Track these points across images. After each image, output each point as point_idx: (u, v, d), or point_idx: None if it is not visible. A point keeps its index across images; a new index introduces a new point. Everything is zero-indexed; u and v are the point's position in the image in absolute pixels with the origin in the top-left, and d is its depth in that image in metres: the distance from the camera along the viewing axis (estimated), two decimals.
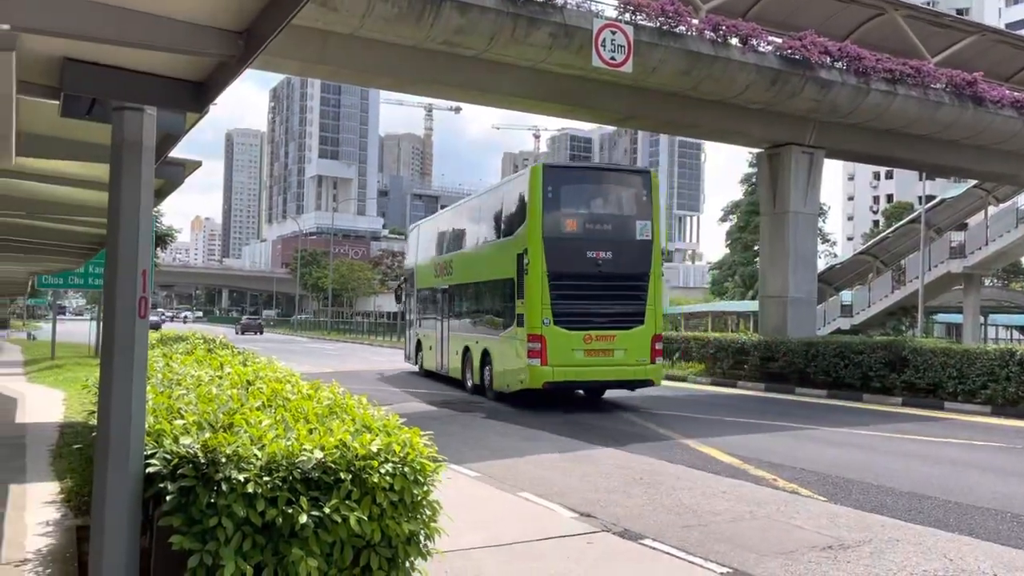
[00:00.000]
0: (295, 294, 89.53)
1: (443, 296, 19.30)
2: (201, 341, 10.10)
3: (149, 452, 3.66)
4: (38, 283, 23.44)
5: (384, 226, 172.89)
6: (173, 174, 5.42)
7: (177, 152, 5.12)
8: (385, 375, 21.88)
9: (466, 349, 17.21)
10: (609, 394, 16.71)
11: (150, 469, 3.59)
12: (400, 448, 3.74)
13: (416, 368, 22.37)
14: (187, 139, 4.86)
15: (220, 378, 5.59)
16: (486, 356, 15.97)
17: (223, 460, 3.48)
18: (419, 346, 21.80)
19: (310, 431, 3.88)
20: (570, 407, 14.83)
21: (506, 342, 14.96)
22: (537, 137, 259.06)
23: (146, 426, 3.80)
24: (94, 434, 4.36)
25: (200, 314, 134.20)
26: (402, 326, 22.10)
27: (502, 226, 15.75)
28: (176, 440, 3.67)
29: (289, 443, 3.63)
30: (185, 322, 76.27)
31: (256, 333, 62.78)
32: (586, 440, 10.82)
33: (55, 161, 5.58)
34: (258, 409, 4.33)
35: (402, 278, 24.63)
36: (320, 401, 4.74)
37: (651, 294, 14.38)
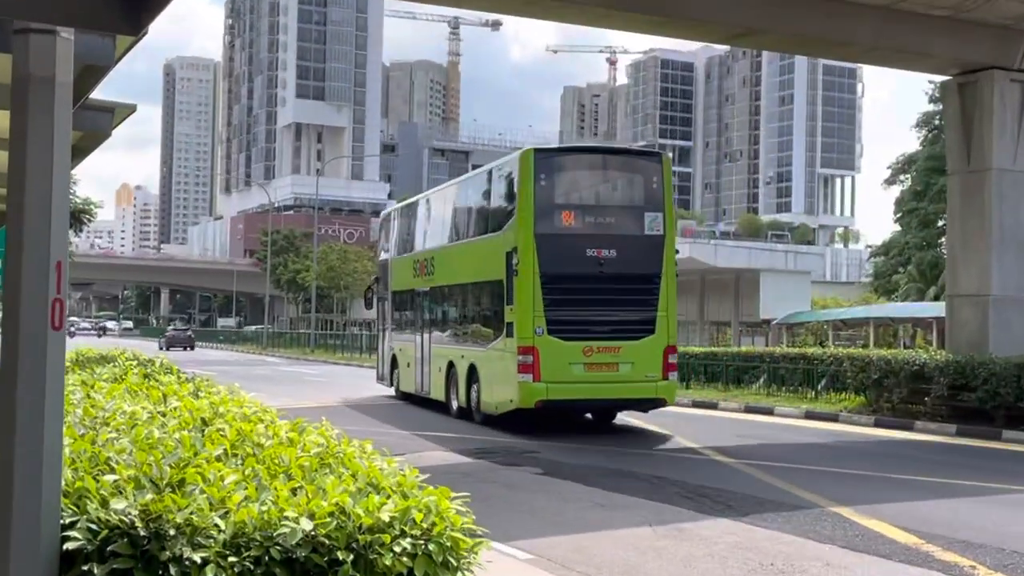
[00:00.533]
0: (264, 294, 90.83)
1: (423, 300, 21.97)
2: (134, 363, 10.32)
3: (68, 521, 3.75)
4: None
5: (391, 195, 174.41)
6: (97, 123, 5.55)
7: (100, 92, 5.23)
8: (363, 403, 22.08)
9: (450, 365, 19.80)
10: (713, 441, 16.87)
11: (69, 545, 3.67)
12: (422, 516, 3.78)
13: (392, 391, 25.19)
14: (110, 74, 4.96)
15: (163, 415, 5.71)
16: (473, 372, 18.45)
17: (171, 532, 3.54)
18: (395, 362, 24.72)
19: (293, 491, 3.94)
20: (659, 464, 14.84)
21: (494, 356, 17.54)
22: (612, 63, 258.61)
23: (63, 484, 3.89)
24: None
25: (129, 324, 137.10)
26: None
27: (489, 219, 18.11)
28: (105, 504, 3.75)
29: (264, 508, 3.68)
30: (102, 335, 76.39)
31: (185, 348, 67.31)
32: (687, 507, 10.78)
33: None
34: (219, 459, 4.41)
35: (374, 276, 27.27)
36: (306, 448, 4.80)
37: (663, 298, 16.70)
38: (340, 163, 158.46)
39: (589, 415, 19.17)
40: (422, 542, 3.72)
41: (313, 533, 3.59)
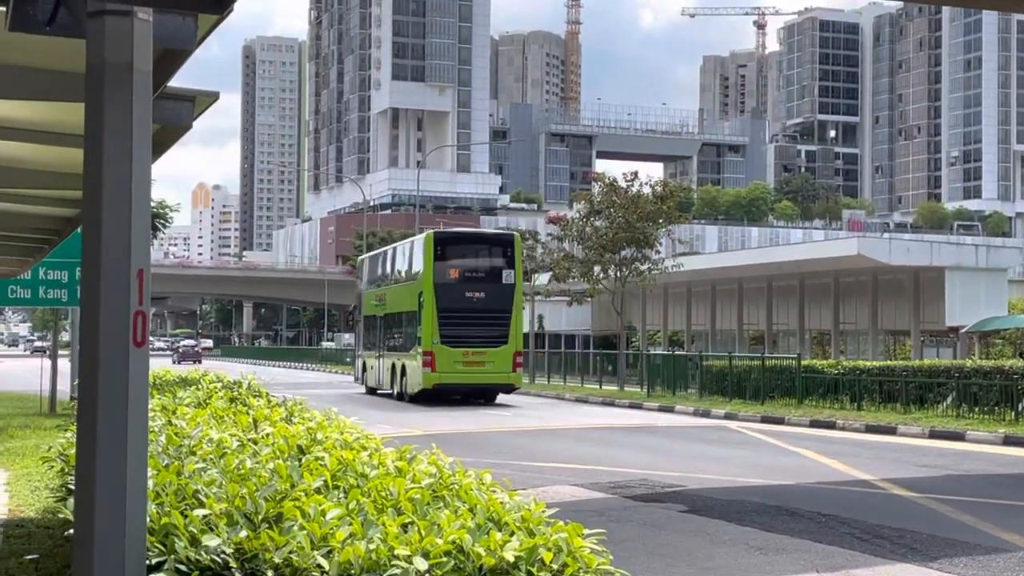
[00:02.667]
0: (359, 305, 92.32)
1: (379, 323, 39.41)
2: (218, 386, 10.64)
3: (154, 561, 3.89)
4: None
5: (502, 189, 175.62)
6: (177, 113, 5.74)
7: (174, 80, 5.40)
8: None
9: (392, 366, 36.96)
10: (890, 472, 16.53)
11: None
12: (552, 556, 3.82)
13: (363, 389, 42.54)
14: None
15: (255, 443, 5.89)
16: (403, 370, 35.37)
17: (269, 574, 3.66)
18: (364, 367, 42.63)
19: (404, 527, 4.03)
20: (825, 500, 14.61)
21: (412, 358, 34.11)
22: (761, 27, 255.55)
23: (148, 520, 4.04)
24: (67, 533, 4.67)
25: (209, 343, 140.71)
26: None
27: (410, 271, 35.29)
28: (195, 542, 3.89)
29: (372, 546, 3.78)
30: (182, 361, 79.29)
31: (195, 362, 74.85)
32: (862, 550, 10.59)
33: None
34: (318, 491, 4.53)
35: (352, 305, 46.96)
36: (416, 479, 4.90)
37: (513, 322, 33.25)
38: (444, 153, 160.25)
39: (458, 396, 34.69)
40: None
41: (428, 574, 3.66)
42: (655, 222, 42.23)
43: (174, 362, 73.14)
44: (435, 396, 33.71)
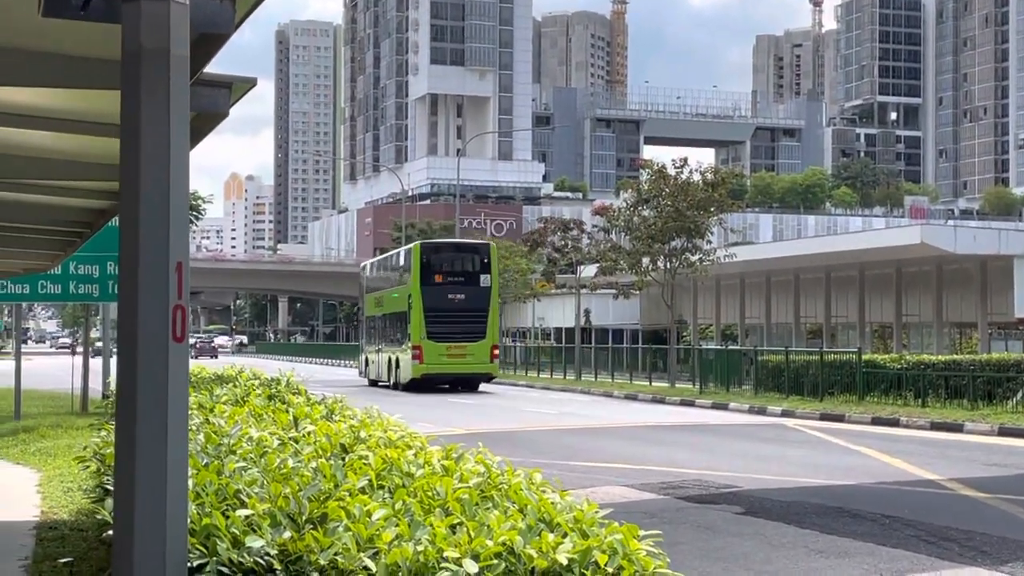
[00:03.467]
0: (362, 307, 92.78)
1: (378, 322, 46.48)
2: (256, 383, 10.74)
3: (196, 563, 3.94)
4: None
5: (546, 177, 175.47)
6: (213, 100, 5.80)
7: (210, 66, 5.44)
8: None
9: (389, 359, 43.11)
10: (958, 471, 16.47)
11: None
12: (606, 559, 3.83)
13: (366, 382, 48.04)
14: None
15: (296, 441, 5.94)
16: (397, 362, 41.71)
17: (314, 575, 3.69)
18: (366, 362, 49.17)
19: (452, 528, 4.06)
20: (889, 501, 14.52)
21: (404, 352, 40.82)
22: (817, 4, 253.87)
23: (188, 521, 4.09)
24: (108, 532, 4.73)
25: (243, 339, 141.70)
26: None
27: (401, 277, 42.11)
28: (237, 543, 3.94)
29: (420, 548, 3.80)
30: (198, 356, 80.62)
31: (211, 357, 79.86)
32: (929, 553, 10.52)
33: (30, 92, 6.12)
34: (363, 491, 4.56)
35: (356, 307, 58.55)
36: (464, 478, 4.93)
37: (490, 320, 40.25)
38: (484, 140, 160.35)
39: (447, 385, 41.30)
40: None
41: None
42: (706, 210, 42.01)
43: (191, 358, 75.14)
44: (424, 385, 40.19)
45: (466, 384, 40.73)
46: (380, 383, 45.40)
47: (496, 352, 41.69)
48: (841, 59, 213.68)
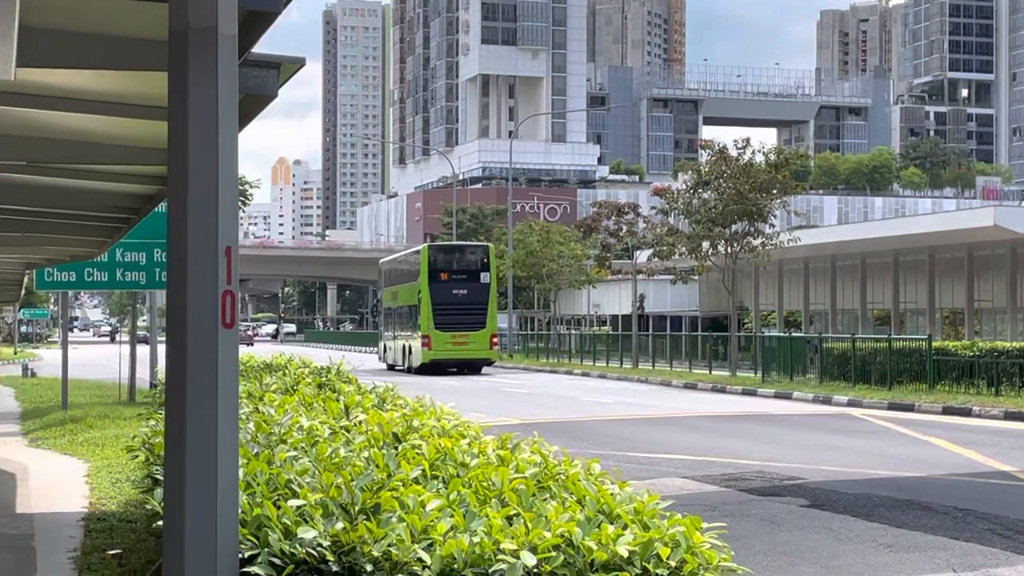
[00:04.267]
0: (380, 299, 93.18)
1: (394, 314, 54.86)
2: (306, 372, 10.82)
3: (247, 554, 3.98)
4: (37, 283, 26.00)
5: (601, 159, 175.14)
6: (261, 82, 5.83)
7: (260, 47, 5.47)
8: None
9: (403, 347, 51.41)
10: (1016, 459, 16.00)
11: None
12: (668, 551, 3.83)
13: (384, 366, 54.78)
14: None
15: (347, 430, 5.98)
16: (410, 349, 49.81)
17: (368, 568, 3.72)
18: (385, 348, 56.64)
19: (508, 519, 4.07)
20: (961, 493, 14.40)
21: (416, 339, 48.77)
22: None
23: (239, 512, 4.13)
24: (157, 523, 4.78)
25: (291, 328, 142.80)
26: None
27: (413, 274, 50.32)
28: (289, 534, 3.97)
29: (475, 539, 3.82)
30: (251, 343, 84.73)
31: (247, 344, 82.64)
32: (1004, 547, 10.44)
33: (75, 74, 6.17)
34: (416, 481, 4.58)
35: (376, 299, 70.46)
36: (520, 468, 4.94)
37: (489, 312, 47.94)
38: (537, 122, 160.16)
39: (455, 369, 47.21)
40: None
41: (536, 570, 3.69)
42: (769, 193, 41.66)
43: None
44: (433, 369, 46.38)
45: (470, 368, 47.62)
46: (396, 367, 51.87)
47: (495, 340, 49.37)
48: (909, 34, 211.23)
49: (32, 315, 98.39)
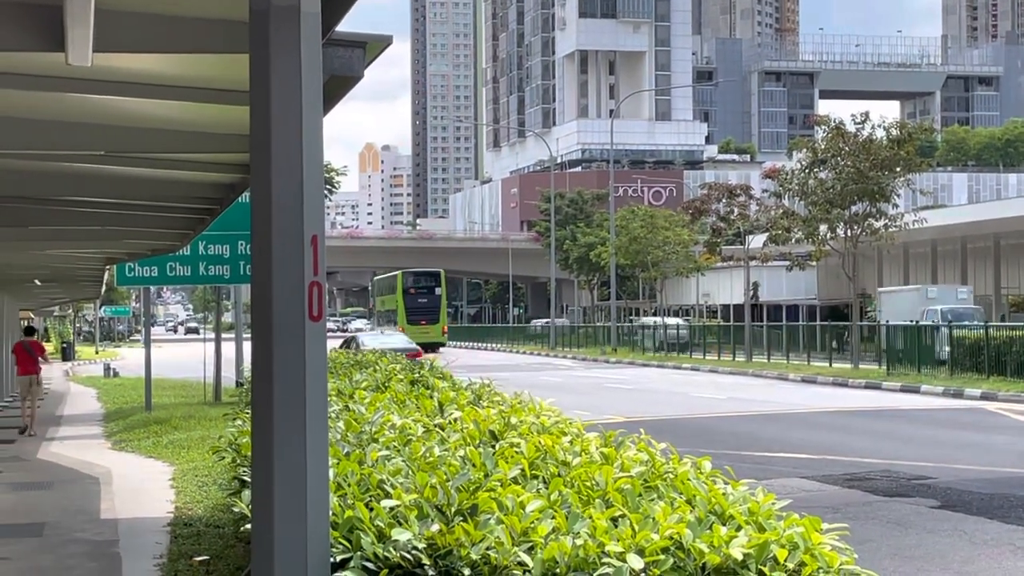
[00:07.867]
0: (547, 278, 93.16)
1: (383, 313, 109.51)
2: (398, 368, 10.91)
3: (339, 558, 4.02)
4: (117, 278, 26.38)
5: (709, 138, 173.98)
6: (346, 62, 5.87)
7: (342, 25, 5.50)
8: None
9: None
10: None
11: None
12: (786, 554, 3.80)
13: None
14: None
15: (441, 428, 6.02)
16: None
17: (466, 572, 3.75)
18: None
19: (613, 520, 4.07)
20: None
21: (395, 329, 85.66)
22: None
23: (330, 514, 4.18)
24: (245, 527, 4.85)
25: (349, 322, 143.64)
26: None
27: (392, 288, 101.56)
28: (383, 537, 4.01)
29: (579, 542, 3.83)
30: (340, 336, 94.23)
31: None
32: None
33: (153, 59, 6.28)
34: (515, 481, 4.60)
35: (371, 303, 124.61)
36: (625, 467, 4.93)
37: (440, 312, 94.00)
38: (640, 100, 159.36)
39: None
40: None
41: (644, 574, 3.69)
42: (891, 171, 41.08)
43: None
44: None
45: (431, 348, 64.84)
46: None
47: (445, 330, 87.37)
48: None
49: (114, 313, 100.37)
